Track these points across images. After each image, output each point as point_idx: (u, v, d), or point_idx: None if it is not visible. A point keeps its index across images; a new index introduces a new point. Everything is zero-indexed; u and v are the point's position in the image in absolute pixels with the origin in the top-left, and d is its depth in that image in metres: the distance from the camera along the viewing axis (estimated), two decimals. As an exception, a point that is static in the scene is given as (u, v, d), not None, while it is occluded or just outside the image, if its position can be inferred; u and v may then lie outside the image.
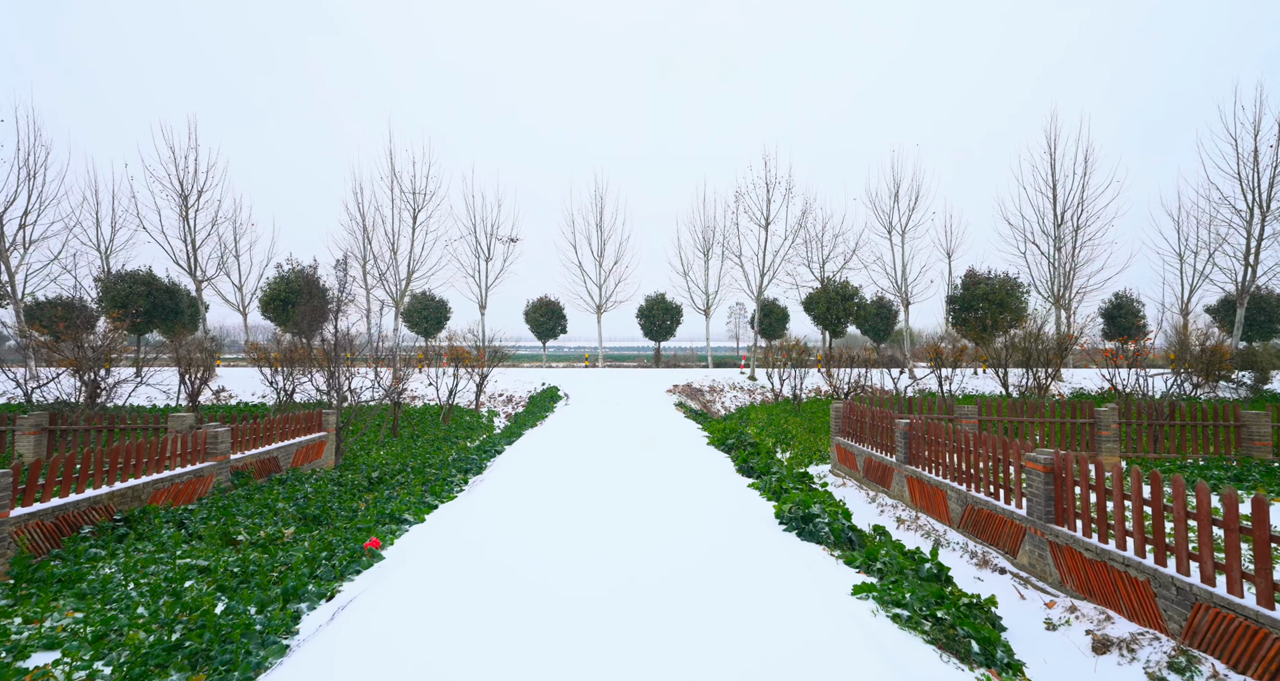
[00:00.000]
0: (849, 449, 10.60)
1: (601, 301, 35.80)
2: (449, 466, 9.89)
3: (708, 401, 25.90)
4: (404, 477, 10.09)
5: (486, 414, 22.23)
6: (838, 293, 28.57)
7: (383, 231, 28.39)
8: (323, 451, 10.84)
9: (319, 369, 12.32)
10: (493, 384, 26.12)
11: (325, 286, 28.39)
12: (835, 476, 11.11)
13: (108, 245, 28.95)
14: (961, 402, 16.76)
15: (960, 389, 21.39)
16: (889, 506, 8.58)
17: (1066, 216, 27.34)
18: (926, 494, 7.87)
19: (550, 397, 23.17)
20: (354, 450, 13.22)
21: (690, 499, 7.62)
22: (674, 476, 9.02)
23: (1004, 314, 27.00)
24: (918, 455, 8.28)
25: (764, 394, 26.45)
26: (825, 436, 14.62)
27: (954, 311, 28.35)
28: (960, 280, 28.17)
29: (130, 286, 25.59)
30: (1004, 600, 5.29)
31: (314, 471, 10.17)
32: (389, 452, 13.50)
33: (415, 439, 15.18)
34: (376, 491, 9.31)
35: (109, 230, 28.71)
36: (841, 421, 11.25)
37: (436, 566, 5.24)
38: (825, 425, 16.13)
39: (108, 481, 6.35)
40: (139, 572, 5.15)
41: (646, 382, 27.22)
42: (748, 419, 19.51)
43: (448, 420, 18.53)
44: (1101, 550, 4.83)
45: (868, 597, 4.46)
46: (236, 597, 4.53)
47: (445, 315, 37.11)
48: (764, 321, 34.60)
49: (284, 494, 8.14)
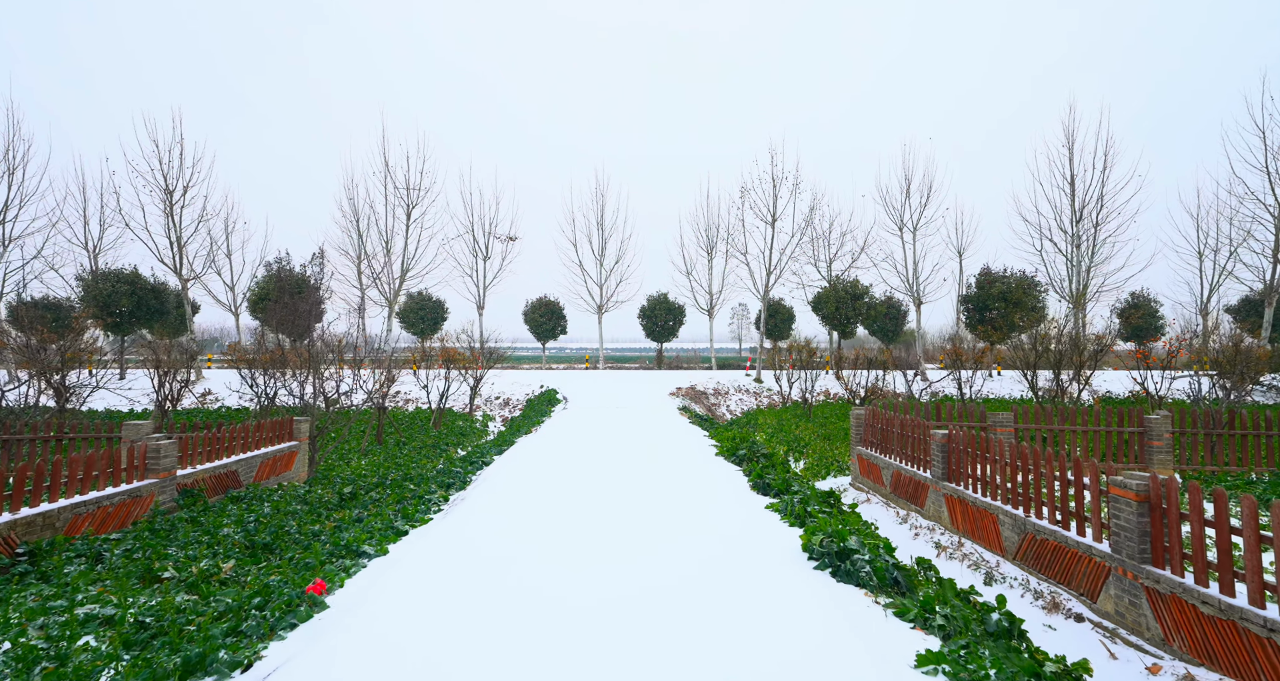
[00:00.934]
0: (873, 461, 9.57)
1: (602, 301, 34.81)
2: (429, 481, 8.89)
3: (712, 404, 24.89)
4: (380, 493, 9.09)
5: (481, 418, 21.23)
6: (847, 291, 27.53)
7: (376, 229, 27.42)
8: (293, 463, 9.85)
9: (296, 371, 11.34)
10: (489, 386, 25.14)
11: (315, 283, 27.42)
12: (857, 490, 10.09)
13: (96, 243, 28.03)
14: (992, 408, 15.67)
15: (977, 392, 20.34)
16: (924, 529, 7.55)
17: (1085, 212, 26.29)
18: (971, 517, 6.84)
19: (548, 401, 22.16)
20: (331, 460, 12.23)
21: (701, 525, 6.60)
22: (680, 496, 8.00)
23: (1021, 314, 25.93)
24: (959, 472, 7.25)
25: (770, 397, 25.44)
26: (841, 445, 13.58)
27: (968, 311, 27.29)
28: (974, 279, 27.11)
29: (113, 285, 24.64)
30: (1092, 660, 4.27)
31: (280, 486, 9.17)
32: (370, 462, 12.51)
33: (401, 446, 14.19)
34: (347, 509, 8.32)
35: (98, 228, 27.82)
36: (864, 430, 10.22)
37: (389, 620, 4.23)
38: (840, 431, 15.09)
39: (10, 508, 5.35)
40: (18, 628, 4.15)
41: (648, 385, 26.21)
42: (755, 424, 18.50)
43: (439, 425, 17.55)
44: (1229, 606, 3.80)
45: (937, 672, 3.44)
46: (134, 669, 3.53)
47: (442, 315, 36.12)
48: (769, 322, 33.57)
49: (236, 516, 7.13)
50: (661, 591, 4.71)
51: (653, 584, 4.86)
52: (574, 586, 4.82)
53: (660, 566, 5.28)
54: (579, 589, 4.77)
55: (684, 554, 5.60)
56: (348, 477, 10.24)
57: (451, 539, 6.16)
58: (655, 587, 4.79)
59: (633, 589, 4.76)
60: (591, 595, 4.64)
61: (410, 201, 27.91)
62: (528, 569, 5.24)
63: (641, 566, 5.28)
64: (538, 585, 4.85)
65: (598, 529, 6.44)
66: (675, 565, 5.30)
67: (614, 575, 5.07)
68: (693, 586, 4.81)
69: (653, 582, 4.89)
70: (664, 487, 8.42)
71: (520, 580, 4.96)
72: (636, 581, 4.92)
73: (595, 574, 5.10)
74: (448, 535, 6.31)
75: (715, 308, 35.17)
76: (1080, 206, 26.42)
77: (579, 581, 4.93)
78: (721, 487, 8.42)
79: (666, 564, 5.34)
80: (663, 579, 4.97)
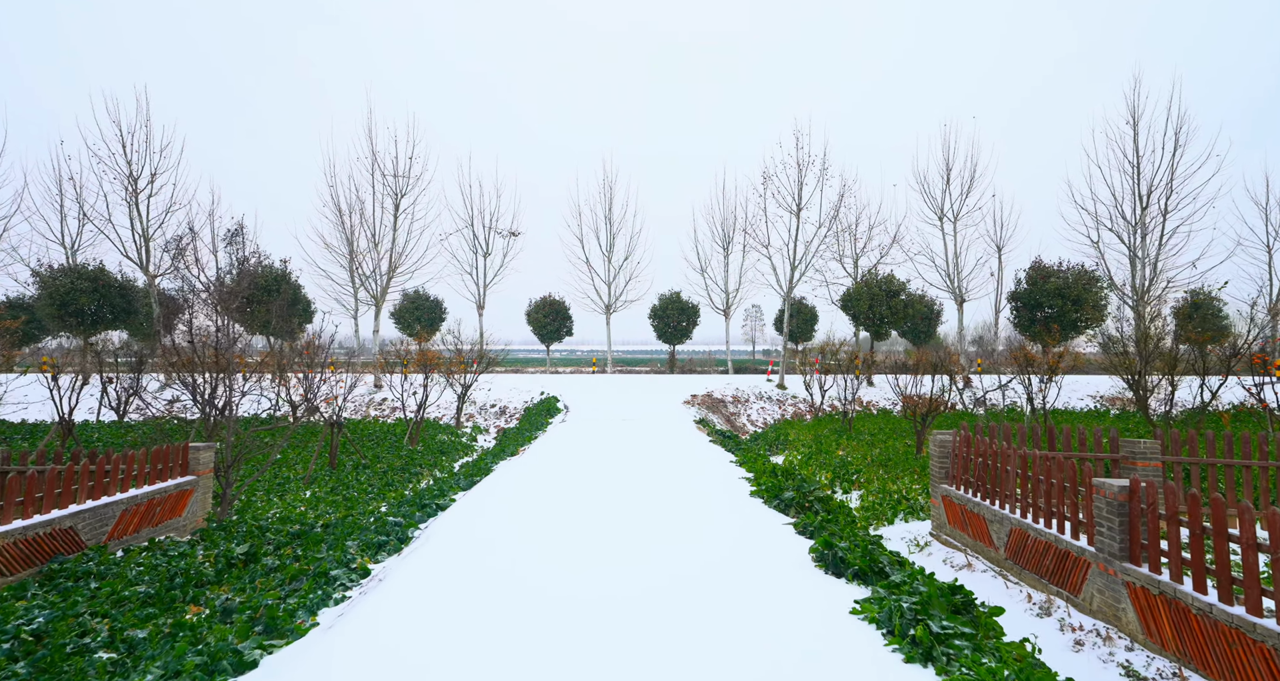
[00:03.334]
0: (972, 509, 6.88)
1: (611, 301, 32.25)
2: (343, 542, 6.30)
3: (731, 414, 22.20)
4: (293, 551, 6.56)
5: (471, 430, 18.70)
6: (881, 288, 24.72)
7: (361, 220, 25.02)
8: (184, 506, 7.33)
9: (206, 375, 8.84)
10: (485, 392, 22.64)
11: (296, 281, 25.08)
12: (945, 544, 7.41)
13: (75, 239, 25.96)
14: (1063, 421, 12.73)
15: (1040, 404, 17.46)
16: (1087, 634, 4.86)
17: (1152, 198, 23.31)
18: (1202, 638, 4.14)
19: (546, 411, 19.59)
20: (257, 494, 9.72)
21: (742, 651, 3.97)
22: (704, 575, 5.37)
23: (1081, 312, 23.01)
24: (1171, 555, 4.55)
25: (796, 405, 22.73)
26: (904, 472, 10.87)
27: (1016, 310, 24.39)
28: (1024, 274, 24.21)
29: (73, 281, 22.45)
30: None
31: (154, 542, 6.65)
32: (316, 494, 10.00)
33: (361, 471, 11.68)
34: (241, 576, 5.79)
35: (75, 223, 25.69)
36: (953, 463, 7.53)
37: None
38: (898, 454, 12.32)
39: None
40: None
41: (660, 391, 23.59)
42: (785, 440, 15.80)
43: (415, 441, 15.03)
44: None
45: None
46: None
47: (440, 315, 33.72)
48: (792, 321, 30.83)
49: (20, 612, 4.60)
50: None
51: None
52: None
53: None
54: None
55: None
56: (264, 524, 7.72)
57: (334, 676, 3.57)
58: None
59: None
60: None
61: (399, 189, 25.48)
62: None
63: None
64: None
65: (577, 656, 3.83)
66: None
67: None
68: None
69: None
70: (679, 558, 5.79)
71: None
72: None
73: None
74: (330, 668, 3.72)
75: (732, 307, 32.49)
76: (1146, 191, 23.45)
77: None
78: (768, 560, 5.76)
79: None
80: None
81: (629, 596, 4.79)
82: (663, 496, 8.22)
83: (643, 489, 8.69)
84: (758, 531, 6.69)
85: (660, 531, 6.62)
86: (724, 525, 6.91)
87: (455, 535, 6.51)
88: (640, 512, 7.41)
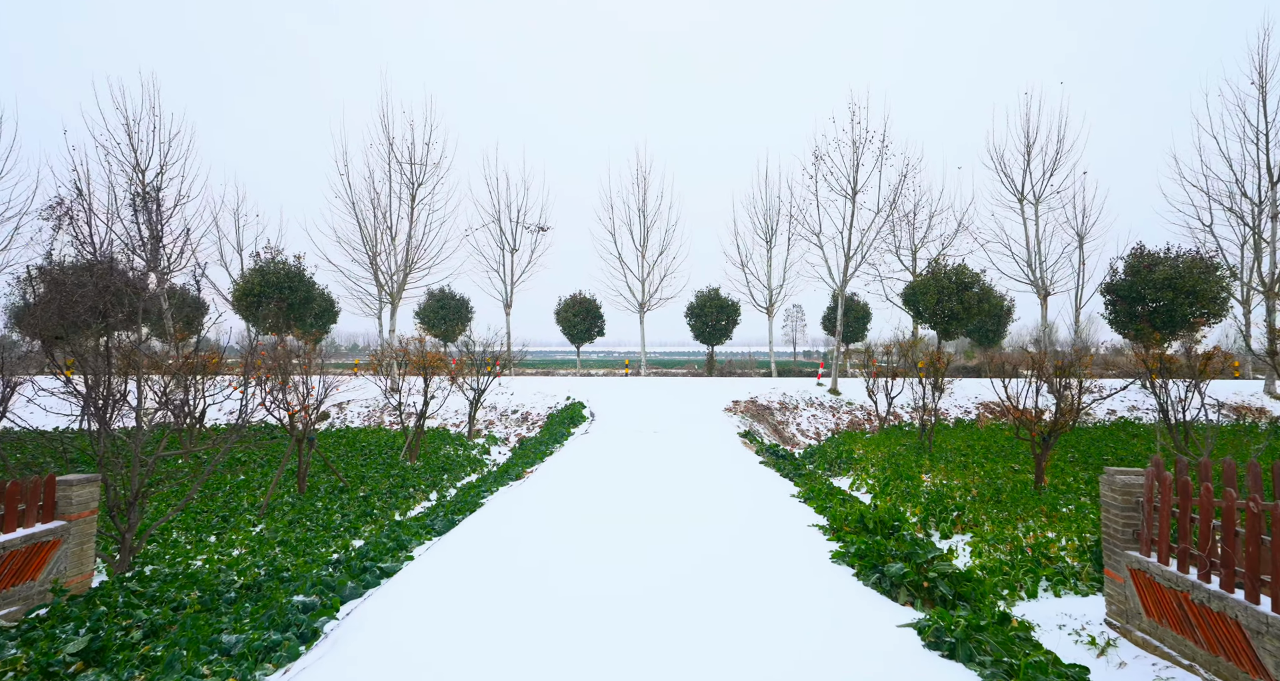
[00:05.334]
0: (1205, 602, 4.26)
1: (644, 298, 29.92)
2: (222, 641, 4.11)
3: (779, 423, 19.58)
4: (181, 632, 4.45)
5: (484, 442, 16.62)
6: (951, 280, 21.70)
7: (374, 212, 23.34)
8: (40, 567, 5.29)
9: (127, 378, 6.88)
10: (508, 397, 20.58)
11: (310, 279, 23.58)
12: (1142, 649, 4.80)
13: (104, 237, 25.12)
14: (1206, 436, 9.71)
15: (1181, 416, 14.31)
16: None
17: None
18: None
19: (570, 419, 17.37)
20: (174, 537, 7.69)
21: None
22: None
23: (1194, 306, 19.58)
24: None
25: (852, 413, 19.95)
26: (1020, 510, 8.17)
27: (1113, 303, 21.06)
28: (1123, 262, 20.88)
29: (74, 278, 21.36)
30: None
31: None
32: (267, 531, 7.96)
33: (335, 497, 9.64)
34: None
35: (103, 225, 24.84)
36: (1152, 521, 4.91)
37: None
38: (1002, 480, 9.53)
39: None
40: None
41: (698, 396, 21.10)
42: (849, 458, 13.17)
43: (414, 456, 12.98)
44: None
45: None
46: None
47: (467, 315, 32.04)
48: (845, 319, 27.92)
49: None
50: None
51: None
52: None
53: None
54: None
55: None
56: (155, 584, 5.65)
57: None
58: None
59: None
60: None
61: (415, 178, 23.71)
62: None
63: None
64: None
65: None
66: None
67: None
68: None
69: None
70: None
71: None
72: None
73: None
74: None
75: (775, 305, 29.76)
76: (1276, 165, 19.83)
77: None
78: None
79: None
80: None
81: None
82: (702, 564, 5.80)
83: (674, 546, 6.30)
84: (853, 629, 4.22)
85: (700, 647, 4.22)
86: (800, 635, 4.45)
87: (412, 607, 4.24)
88: (669, 595, 5.02)
